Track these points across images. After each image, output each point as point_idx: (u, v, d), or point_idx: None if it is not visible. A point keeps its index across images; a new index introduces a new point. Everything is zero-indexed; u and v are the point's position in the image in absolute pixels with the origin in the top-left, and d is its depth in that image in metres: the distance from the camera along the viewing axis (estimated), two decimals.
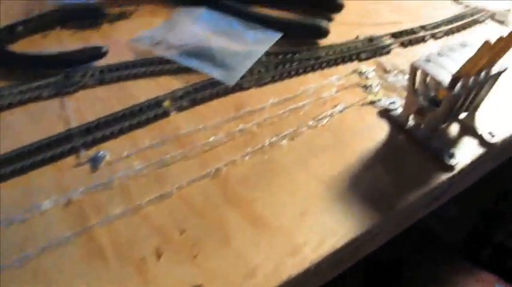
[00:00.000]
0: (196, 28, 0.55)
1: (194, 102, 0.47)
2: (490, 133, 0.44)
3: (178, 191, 0.38)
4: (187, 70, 0.50)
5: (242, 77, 0.49)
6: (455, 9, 0.64)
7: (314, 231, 0.36)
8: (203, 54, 0.52)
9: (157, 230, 0.35)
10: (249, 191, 0.39)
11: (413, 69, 0.41)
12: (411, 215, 0.41)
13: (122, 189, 0.39)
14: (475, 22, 0.61)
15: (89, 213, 0.37)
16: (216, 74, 0.49)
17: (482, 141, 0.44)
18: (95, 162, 0.41)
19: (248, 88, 0.49)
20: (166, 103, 0.46)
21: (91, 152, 0.42)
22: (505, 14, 0.65)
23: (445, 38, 0.58)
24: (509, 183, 1.00)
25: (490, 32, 0.60)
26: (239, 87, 0.49)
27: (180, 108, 0.46)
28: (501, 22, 0.64)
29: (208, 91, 0.48)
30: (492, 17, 0.64)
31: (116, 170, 0.40)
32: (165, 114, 0.45)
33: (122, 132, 0.44)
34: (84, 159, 0.41)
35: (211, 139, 0.43)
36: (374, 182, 0.40)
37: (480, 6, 0.64)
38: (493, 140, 0.44)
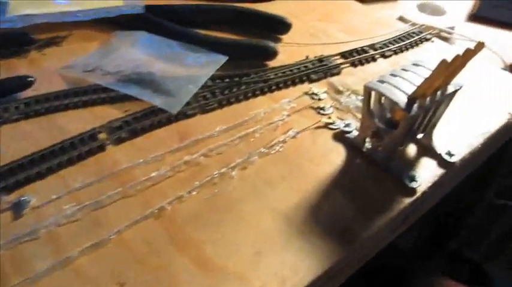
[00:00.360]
0: (135, 53, 0.51)
1: (134, 134, 0.42)
2: (448, 153, 0.43)
3: (116, 236, 0.34)
4: (125, 98, 0.46)
5: (186, 104, 0.46)
6: (402, 28, 0.63)
7: (272, 272, 0.32)
8: (143, 80, 0.47)
9: (92, 285, 0.30)
10: (198, 231, 0.34)
11: (368, 91, 0.39)
12: (378, 243, 0.38)
13: (50, 238, 0.33)
14: (423, 40, 0.61)
15: (8, 272, 0.31)
16: (158, 101, 0.45)
17: (441, 162, 0.42)
18: (17, 208, 0.35)
19: (193, 115, 0.45)
20: (102, 136, 0.42)
21: (13, 196, 0.36)
22: (450, 31, 0.65)
23: (394, 57, 0.57)
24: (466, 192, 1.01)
25: (438, 49, 0.60)
26: (183, 115, 0.45)
27: (118, 141, 0.41)
28: (447, 39, 0.64)
29: (149, 120, 0.43)
30: (438, 35, 0.64)
31: (43, 217, 0.35)
32: (101, 148, 0.41)
33: (50, 171, 0.38)
34: (5, 205, 0.35)
35: (153, 174, 0.38)
36: (335, 211, 0.37)
37: (426, 25, 0.64)
38: (452, 160, 0.42)
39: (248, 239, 0.34)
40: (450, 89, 0.39)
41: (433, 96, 0.38)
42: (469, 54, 0.34)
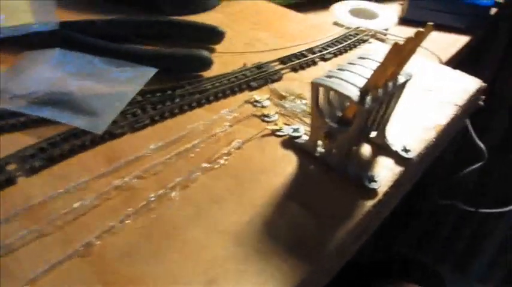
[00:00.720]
0: (48, 72, 0.44)
1: (51, 161, 0.36)
2: (404, 149, 0.40)
3: (31, 286, 0.27)
4: (39, 123, 0.39)
5: (113, 123, 0.40)
6: (338, 32, 0.61)
7: None
8: (60, 101, 0.41)
9: None
10: (135, 266, 0.28)
11: (315, 88, 0.35)
12: (344, 254, 0.34)
13: None
14: (360, 42, 0.59)
15: None
16: (79, 122, 0.39)
17: (398, 159, 0.39)
18: None
19: (122, 135, 0.40)
20: (11, 167, 0.35)
21: None
22: (384, 33, 0.64)
23: (334, 59, 0.55)
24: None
25: (377, 49, 0.58)
26: (110, 135, 0.39)
27: (32, 171, 0.35)
28: (382, 40, 0.63)
29: (68, 145, 0.37)
30: (374, 36, 0.63)
31: None
32: (10, 181, 0.34)
33: None
34: None
35: (76, 205, 0.32)
36: (293, 225, 0.32)
37: (361, 27, 0.63)
38: (409, 156, 0.39)
39: (198, 268, 0.28)
40: (401, 79, 0.36)
41: (385, 88, 0.35)
42: (420, 36, 0.31)
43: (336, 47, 0.56)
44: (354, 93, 0.33)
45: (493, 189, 1.09)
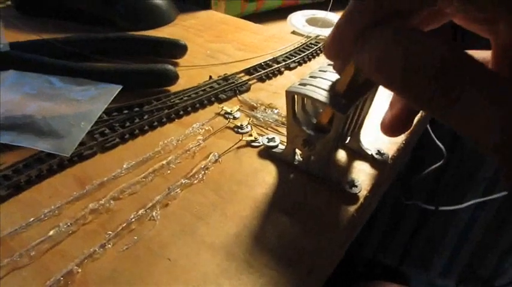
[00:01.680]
0: (3, 95, 0.41)
1: (17, 189, 0.33)
2: (378, 152, 0.40)
3: None
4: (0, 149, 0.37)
5: (81, 144, 0.38)
6: (298, 41, 0.62)
7: None
8: (19, 125, 0.39)
9: None
10: None
11: (290, 96, 0.35)
12: (333, 259, 0.34)
13: None
14: (321, 50, 0.60)
15: None
16: (43, 145, 0.37)
17: (374, 162, 0.40)
18: None
19: (92, 156, 0.38)
20: None
21: None
22: None
23: (299, 68, 0.55)
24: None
25: None
26: (79, 156, 0.37)
27: None
28: None
29: (35, 170, 0.35)
30: None
31: None
32: None
33: None
34: None
35: (51, 233, 0.30)
36: (280, 234, 0.32)
37: (321, 36, 0.64)
38: (383, 158, 0.40)
39: (189, 285, 0.27)
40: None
41: (359, 91, 0.35)
42: None
43: (300, 56, 0.57)
44: (331, 100, 0.33)
45: (450, 187, 1.13)
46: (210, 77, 0.50)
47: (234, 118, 0.44)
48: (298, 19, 0.71)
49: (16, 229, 0.30)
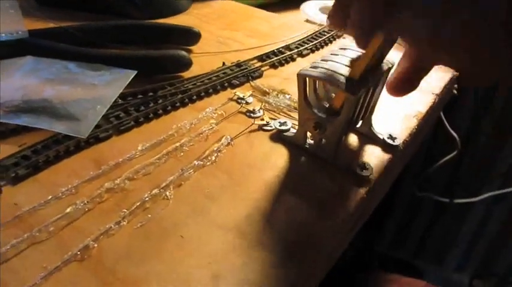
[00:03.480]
0: (22, 80, 0.43)
1: (36, 169, 0.34)
2: (390, 136, 0.41)
3: None
4: (19, 131, 0.38)
5: (97, 127, 0.39)
6: (311, 29, 0.62)
7: None
8: (37, 108, 0.40)
9: None
10: (136, 267, 0.28)
11: (302, 79, 0.35)
12: (344, 239, 0.34)
13: None
14: (335, 37, 0.60)
15: None
16: (61, 127, 0.38)
17: (385, 146, 0.40)
18: None
19: (107, 138, 0.39)
20: None
21: None
22: None
23: (312, 55, 0.56)
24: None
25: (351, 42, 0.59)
26: (95, 138, 0.38)
27: (16, 180, 0.33)
28: None
29: (53, 151, 0.36)
30: None
31: None
32: None
33: None
34: None
35: (68, 210, 0.31)
36: (291, 215, 0.32)
37: None
38: (395, 143, 0.40)
39: (200, 263, 0.28)
40: (384, 67, 0.37)
41: (371, 76, 0.35)
42: None
43: (312, 43, 0.57)
44: (342, 82, 0.33)
45: (465, 180, 1.12)
46: (224, 63, 0.50)
47: (247, 103, 0.44)
48: (311, 8, 0.71)
49: (35, 206, 0.31)
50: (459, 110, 1.00)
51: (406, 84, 0.34)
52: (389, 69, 0.38)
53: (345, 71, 0.34)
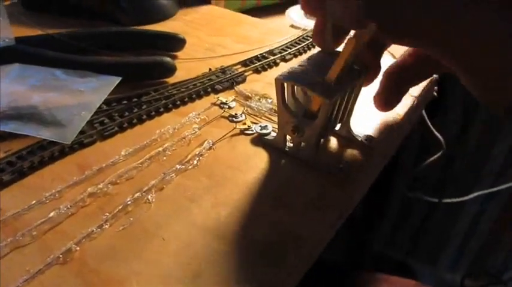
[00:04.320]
0: (9, 87, 0.44)
1: (20, 174, 0.35)
2: (368, 139, 0.42)
3: None
4: (4, 137, 0.39)
5: (81, 133, 0.40)
6: (295, 33, 0.63)
7: None
8: (24, 115, 0.41)
9: None
10: (118, 267, 0.28)
11: (280, 84, 0.37)
12: (323, 239, 0.35)
13: None
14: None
15: None
16: (46, 133, 0.39)
17: (364, 148, 0.41)
18: None
19: (91, 143, 0.39)
20: None
21: None
22: None
23: (295, 59, 0.57)
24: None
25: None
26: (79, 144, 0.39)
27: (1, 185, 0.34)
28: None
29: (38, 156, 0.37)
30: None
31: None
32: None
33: None
34: None
35: (51, 214, 0.32)
36: (271, 217, 0.33)
37: None
38: (373, 145, 0.41)
39: (181, 263, 0.29)
40: (360, 70, 0.38)
41: (347, 80, 0.36)
42: (370, 29, 0.33)
43: (295, 48, 0.58)
44: (318, 87, 0.34)
45: (455, 179, 1.13)
46: (210, 69, 0.51)
47: (229, 108, 0.45)
48: (297, 13, 0.73)
49: (19, 210, 0.32)
50: (449, 109, 1.01)
51: (392, 97, 0.36)
52: (366, 72, 0.39)
53: (321, 76, 0.35)
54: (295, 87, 0.38)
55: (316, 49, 0.60)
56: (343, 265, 1.00)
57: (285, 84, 0.37)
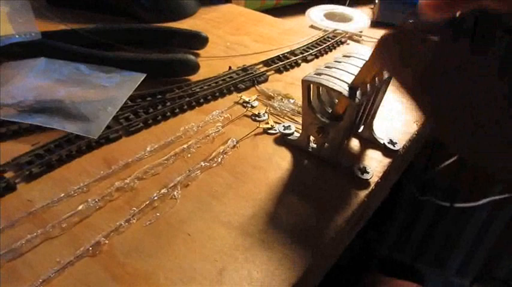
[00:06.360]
0: (35, 80, 0.44)
1: (49, 167, 0.36)
2: (390, 141, 0.42)
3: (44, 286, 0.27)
4: (31, 130, 0.39)
5: (107, 128, 0.40)
6: (316, 34, 0.64)
7: None
8: (50, 108, 0.41)
9: None
10: (145, 261, 0.29)
11: (306, 85, 0.37)
12: (343, 240, 0.35)
13: None
14: (339, 43, 0.61)
15: None
16: (73, 128, 0.39)
17: (386, 151, 0.41)
18: None
19: (117, 139, 0.40)
20: (8, 174, 0.35)
21: None
22: (360, 35, 0.67)
23: (316, 60, 0.57)
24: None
25: (355, 49, 0.60)
26: (106, 139, 0.39)
27: (30, 177, 0.35)
28: (358, 42, 0.66)
29: (65, 150, 0.37)
30: (350, 37, 0.65)
31: None
32: (10, 188, 0.34)
33: None
34: None
35: (80, 207, 0.32)
36: (292, 216, 0.33)
37: (338, 30, 0.65)
38: (395, 148, 0.41)
39: (206, 258, 0.29)
40: (386, 75, 0.38)
41: (373, 83, 0.37)
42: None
43: (316, 49, 0.58)
44: (344, 89, 0.35)
45: (468, 184, 1.13)
46: (230, 68, 0.52)
47: (252, 107, 0.46)
48: (317, 13, 0.73)
49: (48, 203, 0.33)
50: None
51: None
52: (391, 77, 0.39)
53: (348, 78, 0.36)
54: (321, 88, 0.38)
55: (339, 50, 0.60)
56: (350, 267, 1.00)
57: (311, 85, 0.37)
